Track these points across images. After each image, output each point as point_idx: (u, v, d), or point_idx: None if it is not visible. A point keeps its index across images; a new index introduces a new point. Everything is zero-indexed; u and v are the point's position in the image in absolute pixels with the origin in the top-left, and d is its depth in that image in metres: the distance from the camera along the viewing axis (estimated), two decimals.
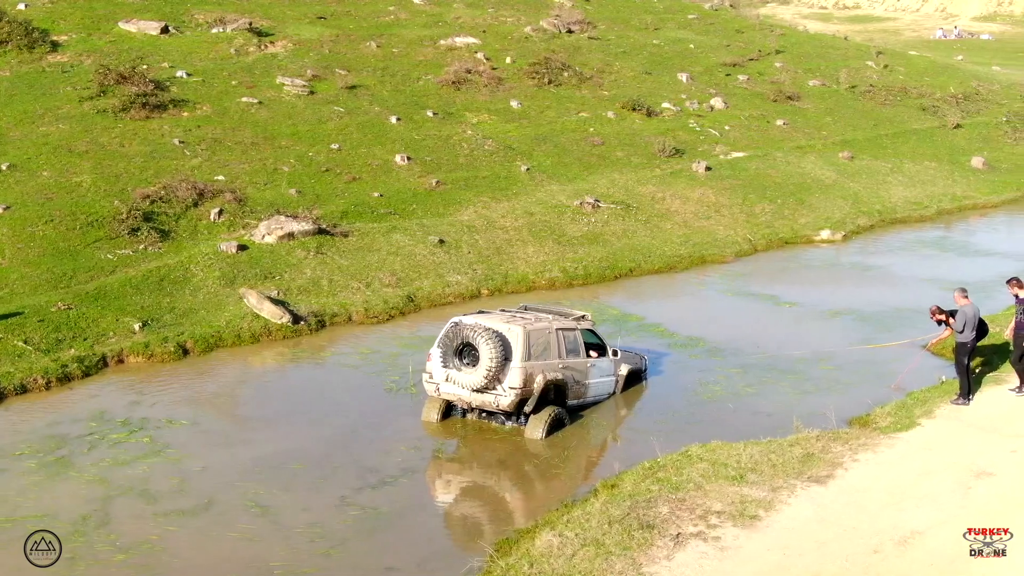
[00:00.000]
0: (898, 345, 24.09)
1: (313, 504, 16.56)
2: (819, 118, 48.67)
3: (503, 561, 13.91)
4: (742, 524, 14.52)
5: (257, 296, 25.72)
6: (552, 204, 34.13)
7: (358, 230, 30.09)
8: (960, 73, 61.39)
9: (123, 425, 19.55)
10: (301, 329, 25.16)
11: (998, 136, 50.88)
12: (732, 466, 16.48)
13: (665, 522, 14.54)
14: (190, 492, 16.82)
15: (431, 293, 27.93)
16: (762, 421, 19.68)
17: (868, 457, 16.89)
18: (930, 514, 14.95)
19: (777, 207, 37.24)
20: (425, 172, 35.01)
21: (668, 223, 34.46)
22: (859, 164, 43.16)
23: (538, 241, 31.58)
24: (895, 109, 52.27)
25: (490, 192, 34.41)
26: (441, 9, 54.51)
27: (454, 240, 30.60)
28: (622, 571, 13.21)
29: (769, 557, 13.66)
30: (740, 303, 28.04)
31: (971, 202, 42.01)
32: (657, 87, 47.72)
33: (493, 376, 18.50)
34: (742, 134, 44.31)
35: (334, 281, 27.48)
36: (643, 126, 42.99)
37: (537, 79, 45.52)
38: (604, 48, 52.43)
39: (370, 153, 35.76)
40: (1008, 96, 57.41)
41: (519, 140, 39.31)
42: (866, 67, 58.24)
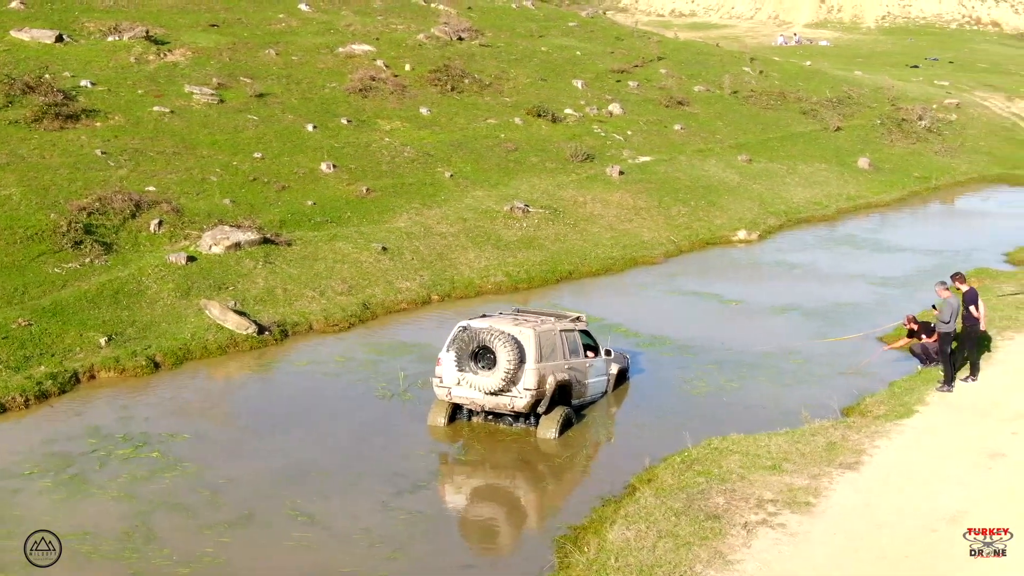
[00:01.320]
0: (855, 338, 25.15)
1: (357, 510, 16.61)
2: (711, 122, 50.09)
3: (582, 556, 14.21)
4: (799, 511, 15.14)
5: (220, 308, 25.40)
6: (482, 210, 34.45)
7: (300, 239, 29.91)
8: (829, 78, 63.84)
9: (124, 440, 19.19)
10: (267, 339, 24.96)
11: (876, 138, 53.16)
12: (765, 457, 17.10)
13: (727, 512, 15.05)
14: (225, 504, 16.68)
15: (384, 300, 27.98)
16: (758, 414, 20.45)
17: (885, 444, 17.71)
18: (965, 494, 15.81)
19: (691, 209, 38.28)
20: (353, 180, 34.94)
21: (595, 226, 35.11)
22: (757, 167, 44.60)
23: (477, 246, 31.86)
24: (778, 113, 54.13)
25: (420, 199, 34.56)
26: (330, 17, 54.25)
27: (396, 247, 30.66)
28: (709, 560, 13.65)
29: (836, 540, 14.29)
30: (688, 302, 28.82)
31: (864, 201, 43.85)
32: (555, 93, 48.45)
33: (510, 378, 18.78)
34: (645, 139, 45.35)
35: (288, 290, 27.29)
36: (550, 132, 43.62)
37: (440, 86, 45.75)
38: (497, 55, 52.94)
39: (294, 161, 35.51)
40: (876, 100, 59.95)
41: (435, 147, 39.50)
42: (743, 72, 60.12)
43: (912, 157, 51.59)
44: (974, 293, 20.95)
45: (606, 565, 13.78)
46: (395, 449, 19.19)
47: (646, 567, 13.57)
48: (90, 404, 21.19)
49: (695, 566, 13.49)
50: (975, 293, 21.00)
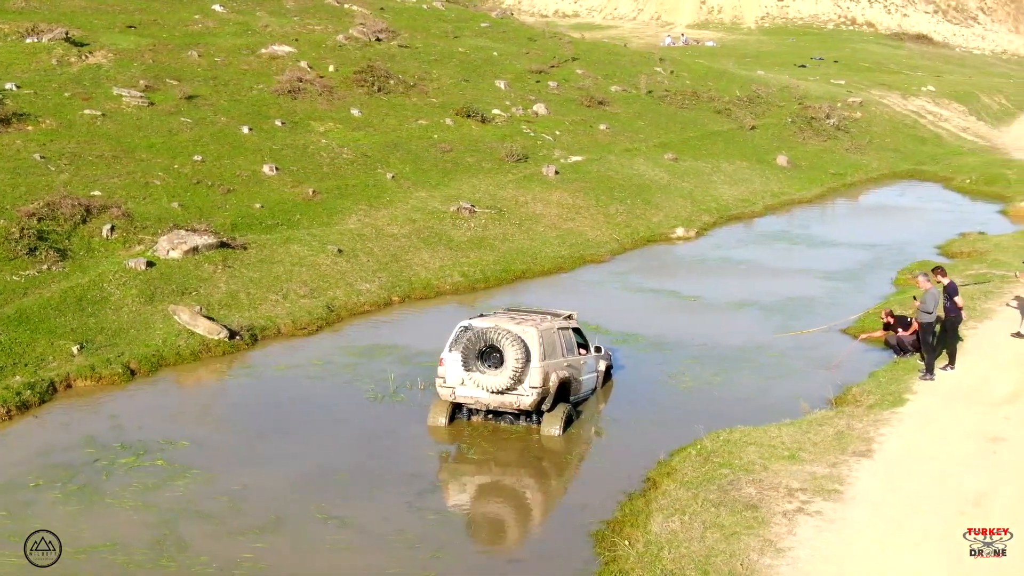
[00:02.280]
0: (819, 331, 25.86)
1: (385, 512, 16.67)
2: (632, 122, 50.76)
3: (631, 549, 14.45)
4: (829, 498, 15.60)
5: (190, 313, 25.08)
6: (429, 210, 34.48)
7: (254, 242, 29.60)
8: (738, 78, 65.11)
9: (123, 449, 18.91)
10: (238, 344, 24.72)
11: (789, 136, 54.43)
12: (780, 447, 17.55)
13: (763, 501, 15.45)
14: (249, 510, 16.56)
15: (347, 302, 27.91)
16: (749, 406, 20.97)
17: (889, 431, 18.30)
18: (979, 477, 16.46)
19: (628, 207, 38.80)
20: (297, 182, 34.67)
21: (539, 226, 35.40)
22: (684, 165, 45.37)
23: (430, 247, 31.90)
24: (694, 112, 55.06)
25: (366, 200, 34.46)
26: (246, 18, 53.61)
27: (351, 249, 30.56)
28: (761, 548, 14.01)
29: (876, 525, 14.75)
30: (647, 299, 29.22)
31: (788, 197, 44.90)
32: (479, 94, 48.61)
33: (518, 377, 18.93)
34: (573, 139, 45.77)
35: (251, 294, 27.04)
36: (481, 132, 43.78)
37: (366, 87, 45.56)
38: (416, 56, 52.88)
39: (235, 164, 35.08)
40: (784, 99, 61.33)
41: (372, 148, 39.37)
42: (656, 73, 60.98)
43: (825, 154, 52.96)
44: (954, 285, 21.72)
45: (660, 556, 14.04)
46: (402, 450, 19.24)
47: (701, 557, 13.85)
48: (76, 413, 20.81)
49: (749, 555, 13.82)
50: (955, 285, 21.78)
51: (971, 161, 53.97)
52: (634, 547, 14.50)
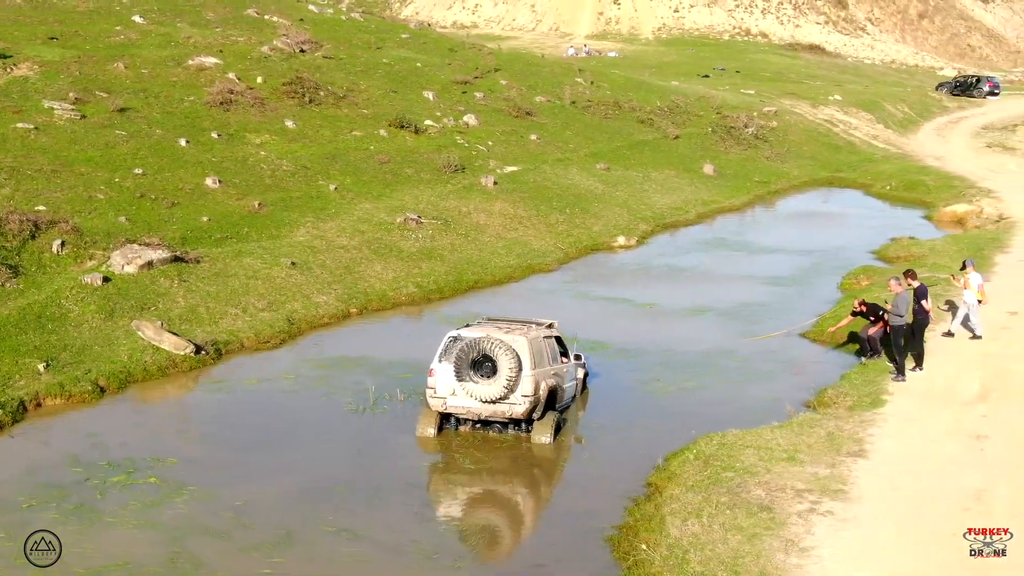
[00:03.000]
0: (780, 335, 26.42)
1: (394, 523, 16.74)
2: (560, 132, 51.15)
3: (655, 553, 14.67)
4: (837, 498, 16.01)
5: (154, 328, 24.75)
6: (375, 222, 34.42)
7: (206, 256, 29.29)
8: (656, 88, 65.96)
9: (111, 467, 18.63)
10: (204, 359, 24.47)
11: (712, 145, 55.32)
12: (776, 450, 17.94)
13: (774, 503, 15.80)
14: (256, 526, 16.46)
15: (306, 315, 27.76)
16: (731, 410, 21.40)
17: (877, 432, 18.81)
18: (974, 474, 17.05)
19: (568, 217, 39.13)
20: (241, 195, 34.36)
21: (485, 236, 35.55)
22: (616, 175, 45.88)
23: (381, 258, 31.86)
24: (618, 122, 55.68)
25: (312, 212, 34.29)
26: (168, 29, 52.89)
27: (304, 261, 30.38)
28: (785, 548, 14.36)
29: (888, 523, 15.19)
30: (603, 307, 29.48)
31: (718, 205, 45.65)
32: (409, 105, 48.58)
33: (511, 386, 19.06)
34: (506, 149, 45.99)
35: (211, 308, 26.76)
36: (416, 143, 43.79)
37: (297, 99, 45.27)
38: (342, 67, 52.68)
39: (176, 177, 34.65)
40: (702, 108, 62.29)
41: (310, 160, 39.17)
42: (577, 83, 61.49)
43: (748, 163, 53.92)
44: (924, 289, 22.36)
45: (686, 559, 14.28)
46: (395, 461, 19.30)
47: (729, 559, 14.12)
48: (53, 432, 20.49)
49: (775, 555, 14.13)
50: (925, 288, 22.42)
51: (887, 168, 55.36)
52: (656, 551, 14.71)
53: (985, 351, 23.64)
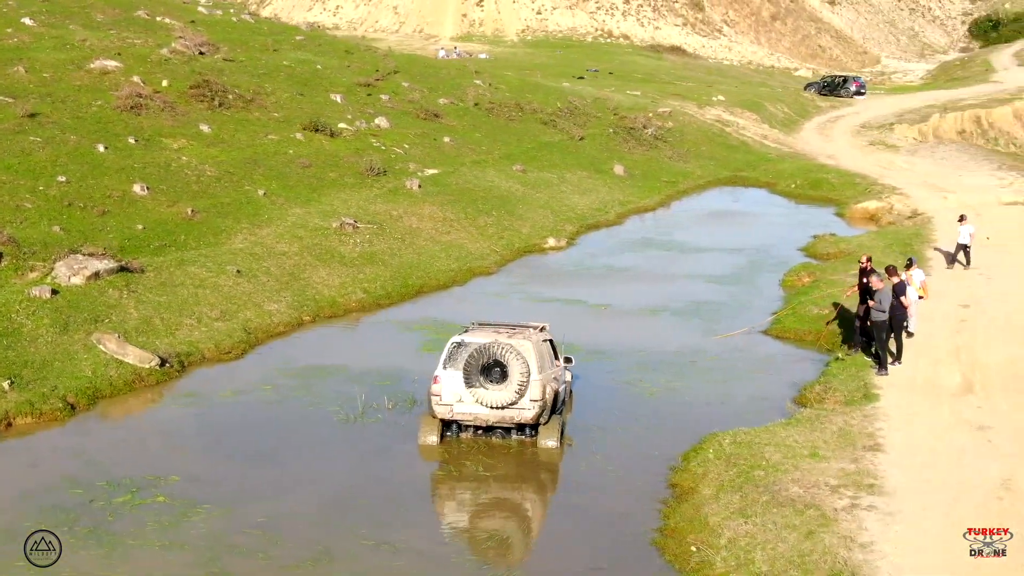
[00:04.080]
0: (742, 332, 26.76)
1: (431, 534, 16.58)
2: (470, 134, 50.95)
3: (716, 554, 14.68)
4: (873, 492, 16.28)
5: (117, 341, 23.90)
6: (311, 227, 33.81)
7: (149, 265, 28.38)
8: (553, 90, 66.18)
9: (113, 487, 17.95)
10: (170, 372, 23.74)
11: (615, 146, 55.75)
12: (795, 447, 18.14)
13: (815, 499, 15.96)
14: (289, 542, 16.04)
15: (261, 324, 27.15)
16: (726, 409, 21.68)
17: (884, 426, 19.15)
18: (991, 463, 17.50)
19: (496, 219, 39.01)
20: (171, 201, 33.38)
21: (420, 240, 35.21)
22: (533, 176, 45.90)
23: (325, 264, 31.32)
24: (523, 124, 55.72)
25: (246, 218, 33.50)
26: (60, 31, 51.12)
27: (248, 269, 29.69)
28: (846, 544, 14.58)
29: (932, 515, 15.49)
30: (559, 308, 29.30)
31: (634, 206, 46.01)
32: (319, 108, 47.82)
33: (522, 391, 18.89)
34: (423, 152, 45.64)
35: (165, 319, 25.95)
36: (334, 147, 43.14)
37: (207, 102, 44.19)
38: (244, 70, 51.61)
39: (102, 184, 33.48)
40: (599, 110, 62.71)
41: (232, 165, 38.25)
42: (476, 85, 61.32)
43: (653, 163, 54.49)
44: (903, 285, 22.83)
45: (752, 559, 14.33)
46: (406, 470, 19.08)
47: (796, 557, 14.21)
48: (35, 452, 19.72)
49: (839, 552, 14.27)
50: (904, 284, 22.89)
51: (786, 167, 56.51)
52: (715, 552, 14.70)
53: (954, 344, 24.27)
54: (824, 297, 28.18)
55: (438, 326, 27.83)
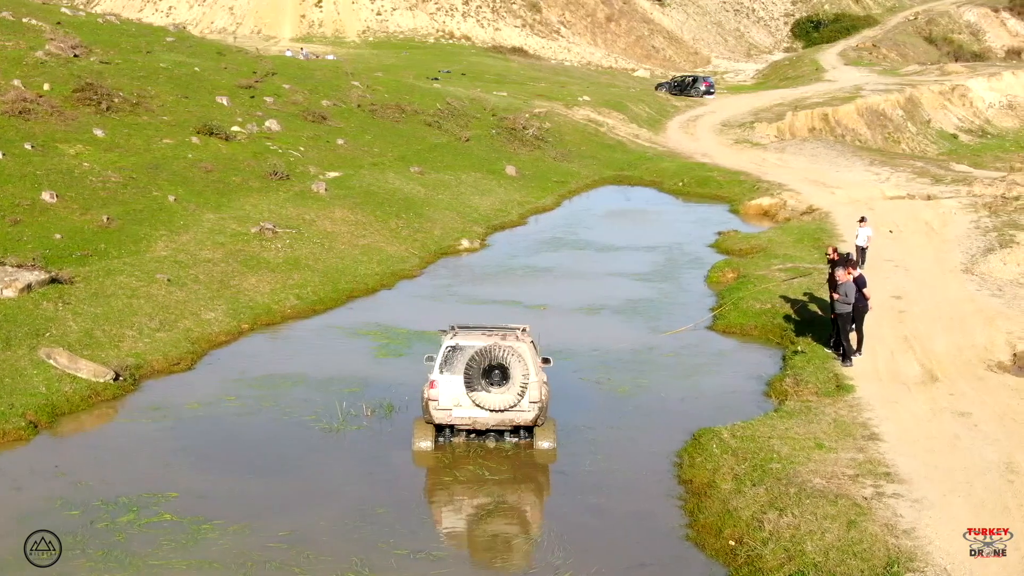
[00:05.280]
0: (688, 329, 27.22)
1: (463, 541, 16.49)
2: (360, 136, 50.43)
3: (764, 548, 14.94)
4: (892, 481, 16.80)
5: (68, 356, 23.07)
6: (230, 232, 33.07)
7: (77, 275, 27.41)
8: (429, 91, 65.90)
9: (110, 507, 17.49)
10: (125, 386, 23.03)
11: (501, 147, 55.87)
12: (798, 439, 18.58)
13: (840, 489, 16.38)
14: (321, 555, 15.84)
15: (202, 334, 26.48)
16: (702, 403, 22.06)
17: (872, 415, 19.74)
18: (986, 447, 18.23)
19: (406, 222, 38.76)
20: (83, 209, 32.23)
21: (339, 244, 34.75)
22: (431, 178, 45.71)
23: (252, 271, 30.67)
24: (409, 126, 55.38)
25: (163, 225, 32.58)
26: None
27: (177, 277, 28.91)
28: (889, 531, 15.05)
29: (955, 500, 16.07)
30: (497, 310, 29.07)
31: (532, 206, 46.17)
32: (207, 111, 46.66)
33: (523, 393, 18.88)
34: (319, 155, 45.01)
35: (107, 331, 25.13)
36: (231, 150, 42.22)
37: (93, 106, 42.74)
38: (123, 73, 50.01)
39: (7, 192, 32.13)
40: (477, 111, 62.72)
41: (134, 170, 37.07)
42: (355, 87, 60.68)
43: (540, 164, 54.76)
44: (863, 278, 23.52)
45: (802, 550, 14.64)
46: (410, 477, 19.06)
47: (846, 545, 14.58)
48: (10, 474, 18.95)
49: (886, 539, 14.71)
50: (863, 278, 23.57)
51: (667, 166, 57.41)
52: (764, 545, 14.94)
53: (901, 334, 25.08)
54: (762, 292, 28.81)
55: (383, 331, 27.63)
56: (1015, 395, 20.89)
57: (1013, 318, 26.12)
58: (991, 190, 43.88)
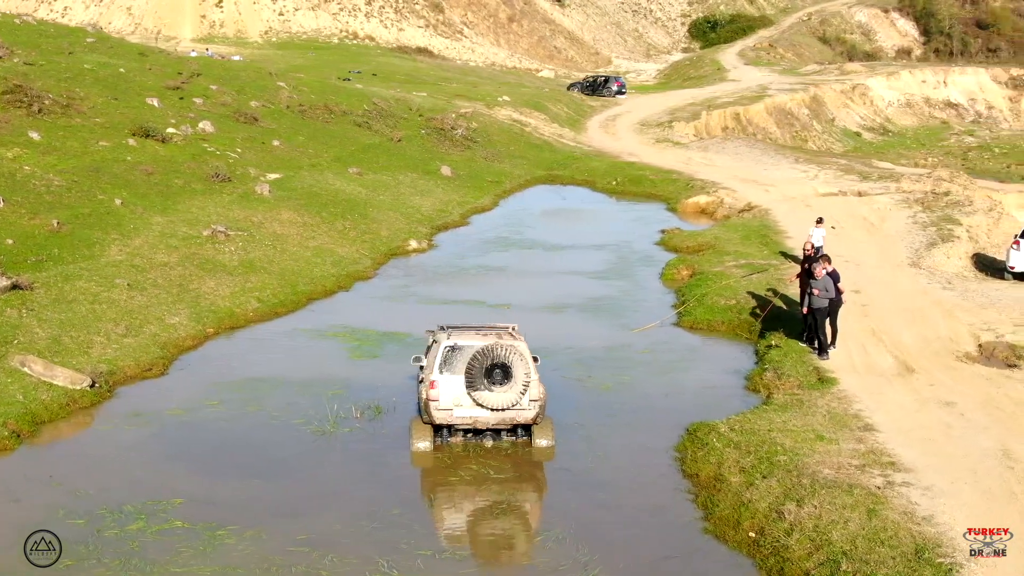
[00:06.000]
0: (655, 326, 27.56)
1: (488, 539, 16.60)
2: (294, 137, 49.97)
3: (789, 539, 15.25)
4: (899, 470, 17.25)
5: (43, 364, 22.64)
6: (182, 236, 32.61)
7: (36, 281, 26.83)
8: (353, 92, 65.53)
9: (116, 515, 17.26)
10: (101, 393, 22.64)
11: (432, 147, 55.78)
12: (797, 431, 18.98)
13: (851, 479, 16.76)
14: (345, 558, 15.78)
15: (170, 338, 26.12)
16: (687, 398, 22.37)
17: (863, 407, 20.22)
18: (979, 435, 18.78)
19: (353, 223, 38.58)
20: (31, 214, 31.54)
21: (291, 246, 34.46)
22: (371, 179, 45.53)
23: (209, 274, 30.31)
24: (339, 126, 55.04)
25: (114, 229, 32.00)
26: None
27: (136, 282, 28.47)
28: (909, 519, 15.42)
29: (963, 487, 16.56)
30: (463, 310, 28.93)
31: (471, 206, 46.20)
32: (139, 113, 45.86)
33: (526, 391, 19.00)
34: (257, 156, 44.55)
35: (75, 338, 24.67)
36: (169, 153, 41.61)
37: (24, 108, 41.80)
38: (48, 74, 48.99)
39: None
40: (403, 111, 62.53)
41: (76, 173, 36.35)
42: (279, 87, 60.08)
43: (473, 164, 54.79)
44: (836, 273, 24.01)
45: (829, 540, 14.98)
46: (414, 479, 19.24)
47: (871, 533, 14.95)
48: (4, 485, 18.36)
49: (908, 526, 15.12)
50: (837, 273, 24.07)
51: (596, 165, 57.82)
52: (788, 536, 15.24)
53: (868, 328, 25.67)
54: (724, 288, 29.27)
55: (352, 333, 27.55)
56: (991, 384, 21.52)
57: (971, 310, 26.89)
58: (919, 186, 45.01)
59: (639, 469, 18.86)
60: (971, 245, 35.81)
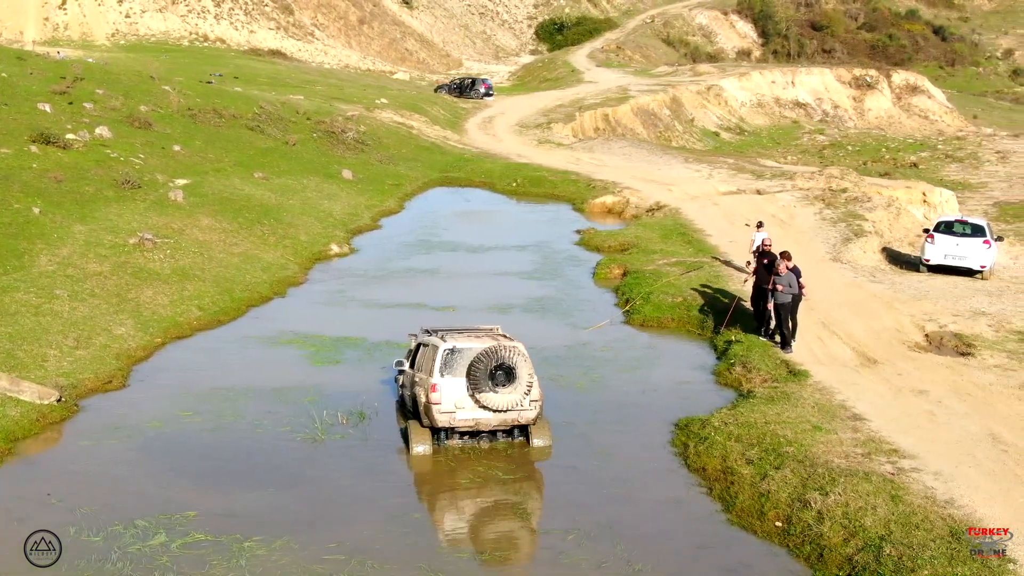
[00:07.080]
0: (606, 324, 28.03)
1: (522, 542, 16.78)
2: (191, 142, 48.98)
3: (822, 527, 15.80)
4: (903, 457, 17.98)
5: (8, 379, 21.97)
6: (109, 244, 31.81)
7: None
8: (239, 95, 64.55)
9: (132, 531, 16.89)
10: (69, 408, 22.05)
11: (328, 150, 55.34)
12: (793, 422, 19.57)
13: (863, 467, 17.40)
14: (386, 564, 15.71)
15: (121, 349, 25.55)
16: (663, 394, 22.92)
17: (844, 397, 20.95)
18: (962, 421, 19.69)
19: (270, 228, 38.13)
20: None
21: (217, 252, 33.92)
22: (277, 183, 44.99)
23: (145, 283, 29.69)
24: (232, 131, 54.15)
25: (38, 239, 31.02)
26: None
27: (74, 292, 27.75)
28: (931, 504, 16.04)
29: (968, 471, 17.34)
30: (408, 313, 28.99)
31: (379, 209, 46.00)
32: (31, 118, 44.37)
33: (529, 392, 19.21)
34: (161, 162, 43.57)
35: (28, 351, 23.96)
36: (72, 159, 40.39)
37: None
38: None
39: None
40: (290, 114, 61.83)
41: None
42: (165, 91, 58.80)
43: (369, 167, 54.48)
44: (798, 270, 24.75)
45: (863, 526, 15.54)
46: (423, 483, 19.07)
47: (902, 518, 15.56)
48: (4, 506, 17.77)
49: (935, 509, 15.81)
50: (799, 269, 24.81)
51: (490, 167, 58.01)
52: (818, 524, 15.77)
53: (818, 321, 26.54)
54: (666, 286, 29.86)
55: (304, 339, 27.36)
56: (953, 372, 22.52)
57: (907, 302, 28.03)
58: (814, 183, 46.50)
59: (644, 464, 19.21)
60: (879, 240, 37.20)
